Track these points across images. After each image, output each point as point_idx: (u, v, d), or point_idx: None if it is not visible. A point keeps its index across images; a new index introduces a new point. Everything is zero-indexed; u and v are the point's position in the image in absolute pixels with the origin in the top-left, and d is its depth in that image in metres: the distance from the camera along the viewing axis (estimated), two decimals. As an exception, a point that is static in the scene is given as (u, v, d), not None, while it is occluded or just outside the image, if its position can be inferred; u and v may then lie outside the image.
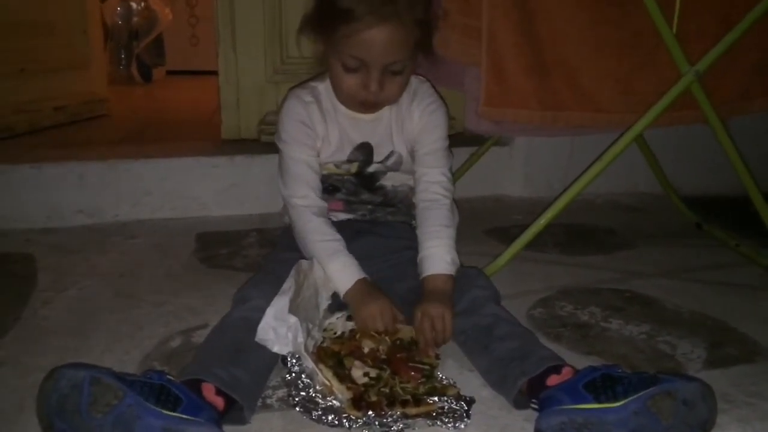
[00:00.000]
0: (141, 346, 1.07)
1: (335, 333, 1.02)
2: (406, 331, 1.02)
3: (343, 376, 0.90)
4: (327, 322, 1.02)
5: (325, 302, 1.02)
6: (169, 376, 0.83)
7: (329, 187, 1.19)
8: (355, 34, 1.02)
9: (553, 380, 0.87)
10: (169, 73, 3.55)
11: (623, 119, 1.34)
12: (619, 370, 0.86)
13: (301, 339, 0.91)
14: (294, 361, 0.91)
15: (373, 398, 0.87)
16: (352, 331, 1.02)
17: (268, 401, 0.92)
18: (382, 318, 1.01)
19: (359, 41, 1.02)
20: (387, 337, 1.00)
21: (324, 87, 1.16)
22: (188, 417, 0.78)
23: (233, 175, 1.72)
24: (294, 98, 1.16)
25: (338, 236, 1.10)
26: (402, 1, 1.02)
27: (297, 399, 0.87)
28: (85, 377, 0.77)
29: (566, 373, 0.88)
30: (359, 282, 1.05)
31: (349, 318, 1.05)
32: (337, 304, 1.06)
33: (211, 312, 1.18)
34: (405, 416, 0.85)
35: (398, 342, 1.00)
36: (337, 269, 1.06)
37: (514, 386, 0.89)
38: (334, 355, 0.94)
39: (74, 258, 1.44)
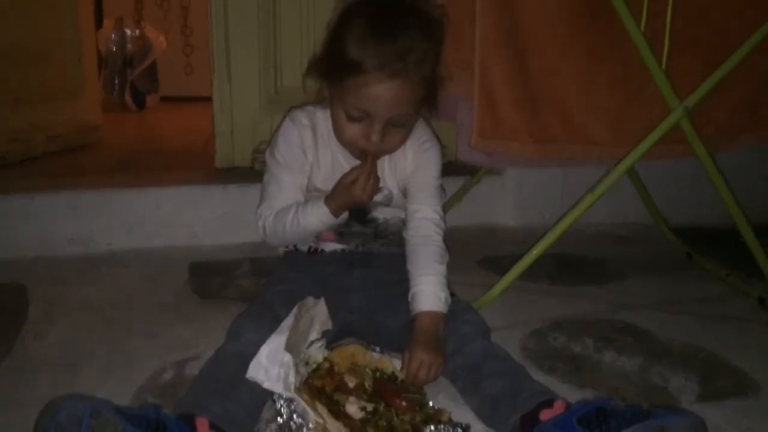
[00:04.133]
0: (134, 379, 1.06)
1: (316, 364, 1.00)
2: (387, 365, 1.02)
3: (338, 413, 0.89)
4: (308, 354, 1.01)
5: (314, 335, 1.01)
6: (165, 411, 0.82)
7: (321, 218, 1.19)
8: (362, 88, 1.02)
9: (546, 414, 0.87)
10: (163, 99, 3.56)
11: (614, 152, 1.36)
12: (613, 403, 0.85)
13: (292, 379, 0.90)
14: (282, 402, 0.90)
15: None
16: (325, 359, 1.00)
17: (261, 435, 0.92)
18: (365, 178, 1.07)
19: (365, 94, 1.03)
20: (368, 370, 1.00)
21: (323, 115, 1.17)
22: (184, 453, 0.77)
23: (226, 204, 1.72)
24: (290, 120, 1.18)
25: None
26: (412, 59, 1.02)
27: None
28: (86, 410, 0.76)
29: (558, 407, 0.87)
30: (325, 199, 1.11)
31: (329, 348, 1.04)
32: (329, 340, 1.04)
33: (205, 344, 1.17)
34: None
35: (379, 374, 1.00)
36: (310, 211, 1.11)
37: (507, 424, 0.89)
38: (320, 392, 0.93)
39: (66, 288, 1.43)
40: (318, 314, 1.02)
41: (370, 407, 0.91)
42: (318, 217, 1.12)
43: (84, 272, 1.53)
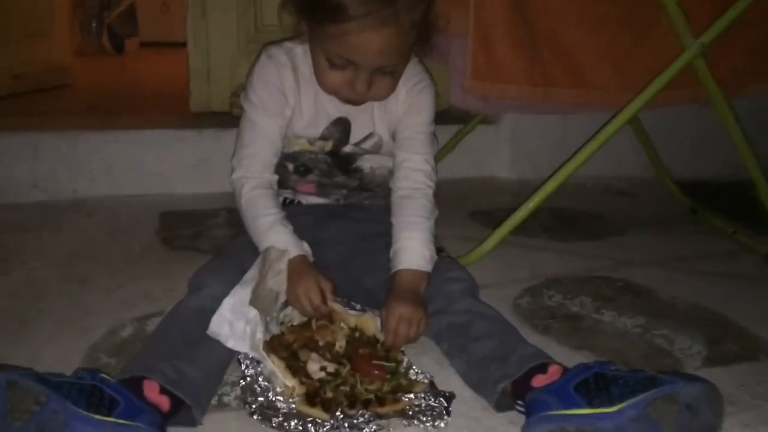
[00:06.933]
0: (88, 336, 0.98)
1: (291, 323, 0.94)
2: (370, 325, 0.94)
3: (297, 370, 0.82)
4: (283, 314, 0.93)
5: (284, 296, 0.93)
6: (103, 375, 0.73)
7: (301, 167, 1.10)
8: (345, 35, 0.90)
9: (539, 380, 0.79)
10: (143, 44, 3.43)
11: (618, 98, 1.29)
12: (614, 368, 0.78)
13: (259, 335, 0.83)
14: (248, 362, 0.82)
15: (330, 394, 0.80)
16: (309, 321, 0.94)
17: (226, 399, 0.84)
18: (308, 299, 0.92)
19: (350, 43, 0.91)
20: (344, 324, 0.92)
21: (302, 50, 1.05)
22: (125, 422, 0.69)
23: (202, 150, 1.64)
24: (267, 58, 1.05)
25: (276, 210, 1.01)
26: (402, 3, 0.90)
27: (254, 406, 0.78)
28: (1, 381, 0.67)
29: (553, 373, 0.80)
30: (294, 259, 0.95)
31: None
32: None
33: (169, 298, 1.08)
34: (377, 416, 0.78)
35: (358, 335, 0.92)
36: (273, 238, 0.97)
37: (495, 390, 0.81)
38: (287, 347, 0.86)
39: (25, 236, 1.35)
40: (284, 268, 0.94)
41: (331, 368, 0.84)
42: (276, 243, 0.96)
43: (45, 220, 1.45)
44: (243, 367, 0.83)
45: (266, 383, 0.81)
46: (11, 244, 1.31)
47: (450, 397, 0.82)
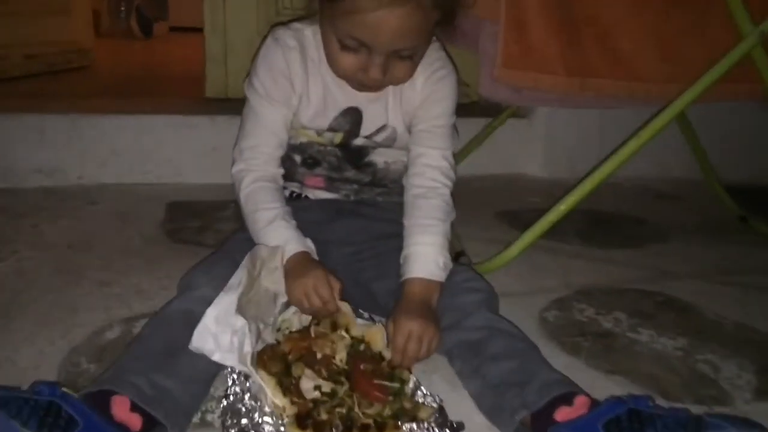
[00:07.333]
0: (70, 335, 0.91)
1: (289, 329, 0.85)
2: (377, 339, 0.84)
3: (289, 387, 0.74)
4: (281, 318, 0.84)
5: (284, 297, 0.84)
6: (64, 390, 0.65)
7: (309, 159, 1.01)
8: (357, 13, 0.81)
9: (563, 413, 0.70)
10: (173, 29, 3.39)
11: (664, 91, 1.20)
12: (650, 405, 0.68)
13: (248, 348, 0.74)
14: (235, 377, 0.73)
15: (324, 417, 0.71)
16: (308, 328, 0.85)
17: (209, 417, 0.75)
18: (316, 292, 0.83)
19: (361, 23, 0.82)
20: (344, 332, 0.83)
21: (312, 31, 0.96)
22: (82, 446, 0.61)
23: (215, 138, 1.56)
24: (273, 41, 0.96)
25: (278, 205, 0.92)
26: None
27: (234, 430, 0.69)
28: None
29: (580, 405, 0.70)
30: (295, 256, 0.87)
31: None
32: None
33: (164, 296, 1.00)
34: None
35: (362, 348, 0.83)
36: (271, 242, 0.88)
37: (512, 420, 0.72)
38: (282, 358, 0.78)
39: (21, 224, 1.29)
40: (279, 268, 0.85)
41: (327, 387, 0.75)
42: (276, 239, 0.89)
43: (45, 207, 1.39)
44: (229, 383, 0.74)
45: (253, 402, 0.72)
46: (5, 231, 1.25)
47: (458, 429, 0.72)
